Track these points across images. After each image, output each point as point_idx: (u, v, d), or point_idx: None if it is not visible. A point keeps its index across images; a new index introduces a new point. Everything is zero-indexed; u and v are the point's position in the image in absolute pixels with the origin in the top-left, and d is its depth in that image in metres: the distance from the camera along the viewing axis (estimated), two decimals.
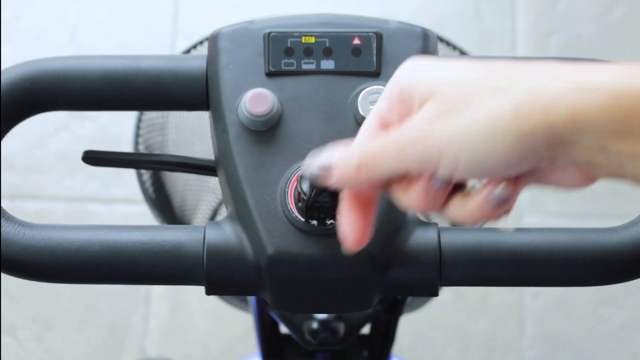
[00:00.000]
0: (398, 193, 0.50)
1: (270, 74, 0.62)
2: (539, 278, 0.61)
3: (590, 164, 0.44)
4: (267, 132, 0.61)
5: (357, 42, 0.62)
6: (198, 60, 0.63)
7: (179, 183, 1.13)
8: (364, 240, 0.53)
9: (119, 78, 0.63)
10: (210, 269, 0.60)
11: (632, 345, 1.71)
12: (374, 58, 0.62)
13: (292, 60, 0.62)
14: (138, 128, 1.01)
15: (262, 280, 0.60)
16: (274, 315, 0.92)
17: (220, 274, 0.60)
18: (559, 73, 0.44)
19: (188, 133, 1.10)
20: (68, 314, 1.72)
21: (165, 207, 1.06)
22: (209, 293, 0.61)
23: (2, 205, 0.62)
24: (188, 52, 1.02)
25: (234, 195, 0.61)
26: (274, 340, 0.98)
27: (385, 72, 0.62)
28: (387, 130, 0.50)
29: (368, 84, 0.62)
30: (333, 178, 0.51)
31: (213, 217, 1.22)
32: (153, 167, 0.89)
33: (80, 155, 0.67)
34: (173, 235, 0.61)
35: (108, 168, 0.81)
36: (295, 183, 0.58)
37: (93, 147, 0.68)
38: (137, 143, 1.01)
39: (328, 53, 0.62)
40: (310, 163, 0.52)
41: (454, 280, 0.61)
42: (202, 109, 0.64)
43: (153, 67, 0.63)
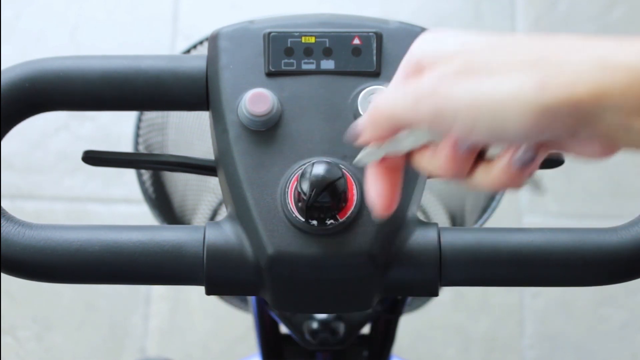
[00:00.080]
0: (424, 161, 0.51)
1: (270, 74, 0.62)
2: (539, 278, 0.61)
3: (612, 139, 0.44)
4: (267, 132, 0.61)
5: (357, 42, 0.62)
6: (198, 60, 0.63)
7: (179, 183, 1.13)
8: (392, 207, 0.53)
9: (119, 78, 0.63)
10: (210, 269, 0.60)
11: (632, 345, 1.71)
12: (374, 58, 0.62)
13: (292, 60, 0.62)
14: (138, 128, 1.01)
15: (262, 280, 0.60)
16: (274, 315, 0.92)
17: (220, 274, 0.60)
18: (585, 50, 0.44)
19: (188, 133, 1.10)
20: (68, 314, 1.72)
21: (165, 207, 1.06)
22: (209, 293, 0.61)
23: (2, 205, 0.62)
24: (188, 52, 1.02)
25: (234, 195, 0.61)
26: (274, 340, 0.98)
27: (385, 72, 0.62)
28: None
29: (368, 84, 0.62)
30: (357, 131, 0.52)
31: (213, 217, 1.22)
32: (153, 167, 0.89)
33: (80, 155, 0.67)
34: (173, 235, 0.61)
35: (108, 168, 0.81)
36: (295, 183, 0.58)
37: (93, 147, 0.68)
38: (137, 143, 1.01)
39: (328, 53, 0.62)
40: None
41: (454, 280, 0.61)
42: (202, 109, 0.64)
43: (153, 67, 0.63)
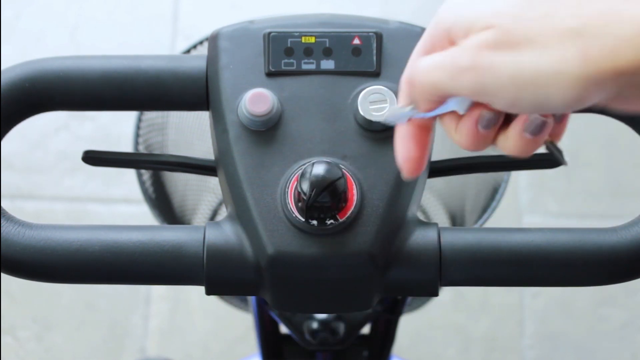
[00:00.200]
0: (449, 128, 0.50)
1: (270, 74, 0.62)
2: (539, 278, 0.61)
3: None
4: (267, 132, 0.61)
5: (357, 42, 0.62)
6: (198, 60, 0.63)
7: (179, 183, 1.13)
8: (420, 169, 0.52)
9: (119, 78, 0.63)
10: (210, 269, 0.60)
11: (632, 345, 1.71)
12: (374, 58, 0.62)
13: (292, 60, 0.62)
14: (138, 128, 1.01)
15: (262, 280, 0.60)
16: (274, 315, 0.92)
17: (220, 274, 0.60)
18: (623, 15, 0.43)
19: (188, 133, 1.10)
20: (68, 314, 1.72)
21: (165, 207, 1.06)
22: (209, 293, 0.61)
23: (2, 205, 0.62)
24: (188, 52, 1.02)
25: (234, 195, 0.61)
26: (274, 340, 0.98)
27: (385, 72, 0.62)
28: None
29: (368, 84, 0.62)
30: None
31: (213, 217, 1.22)
32: (153, 167, 0.89)
33: (80, 155, 0.67)
34: (173, 235, 0.61)
35: (108, 168, 0.81)
36: (295, 183, 0.58)
37: (93, 147, 0.68)
38: (137, 143, 1.01)
39: (328, 53, 0.62)
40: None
41: (454, 280, 0.61)
42: (202, 109, 0.64)
43: (153, 67, 0.63)
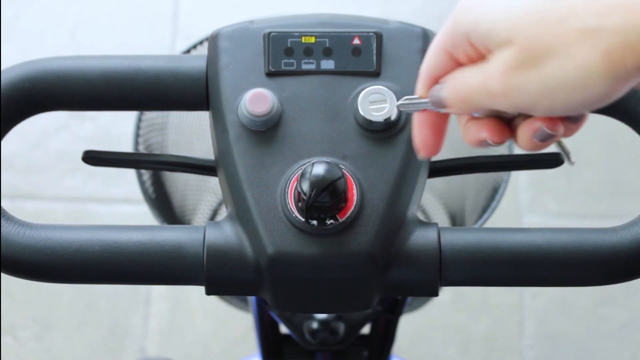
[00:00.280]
0: (461, 120, 0.53)
1: (270, 74, 0.62)
2: (539, 278, 0.61)
3: None
4: (267, 132, 0.61)
5: (357, 42, 0.62)
6: (198, 60, 0.63)
7: (179, 183, 1.13)
8: (435, 153, 0.55)
9: (119, 78, 0.63)
10: (210, 269, 0.60)
11: (632, 345, 1.71)
12: (374, 58, 0.62)
13: (292, 60, 0.62)
14: (138, 128, 1.01)
15: (262, 280, 0.60)
16: (274, 315, 0.92)
17: (220, 274, 0.60)
18: (636, 7, 0.43)
19: (188, 133, 1.10)
20: (68, 314, 1.72)
21: (165, 207, 1.06)
22: (209, 293, 0.61)
23: (2, 205, 0.62)
24: (188, 52, 1.02)
25: (234, 195, 0.61)
26: (274, 340, 0.98)
27: (385, 72, 0.62)
28: (457, 65, 0.50)
29: (368, 84, 0.62)
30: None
31: (213, 217, 1.22)
32: (153, 167, 0.89)
33: (80, 155, 0.67)
34: (173, 235, 0.61)
35: (108, 168, 0.81)
36: (295, 183, 0.58)
37: (93, 147, 0.68)
38: (137, 143, 1.01)
39: (328, 53, 0.62)
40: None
41: (454, 280, 0.61)
42: (202, 109, 0.64)
43: (153, 67, 0.63)
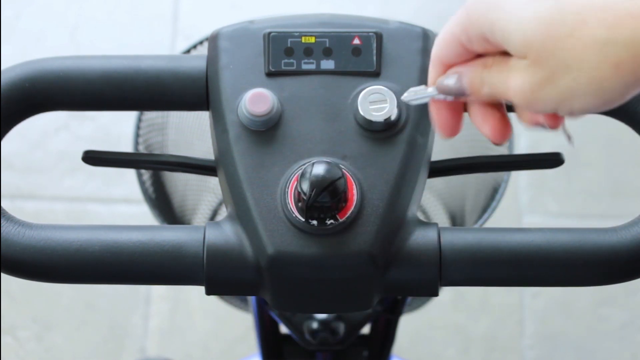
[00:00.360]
0: (473, 113, 0.56)
1: (270, 74, 0.62)
2: (539, 278, 0.61)
3: None
4: (267, 132, 0.61)
5: (357, 42, 0.62)
6: (198, 60, 0.63)
7: (179, 183, 1.13)
8: (456, 132, 0.57)
9: (119, 78, 0.63)
10: (210, 269, 0.60)
11: (632, 345, 1.71)
12: (374, 58, 0.62)
13: (292, 60, 0.62)
14: (138, 128, 1.01)
15: (262, 280, 0.60)
16: (274, 315, 0.92)
17: (220, 274, 0.60)
18: None
19: (188, 133, 1.10)
20: (68, 314, 1.72)
21: (165, 207, 1.06)
22: (209, 293, 0.61)
23: (2, 205, 0.62)
24: (188, 52, 1.02)
25: (234, 195, 0.61)
26: (274, 340, 0.98)
27: (385, 72, 0.62)
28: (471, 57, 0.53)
29: (368, 84, 0.62)
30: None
31: (213, 217, 1.22)
32: (153, 167, 0.89)
33: (80, 155, 0.67)
34: (173, 235, 0.61)
35: (108, 168, 0.81)
36: (295, 183, 0.58)
37: (93, 147, 0.68)
38: (137, 143, 1.01)
39: (328, 53, 0.62)
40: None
41: (454, 280, 0.61)
42: (202, 109, 0.64)
43: (153, 67, 0.63)
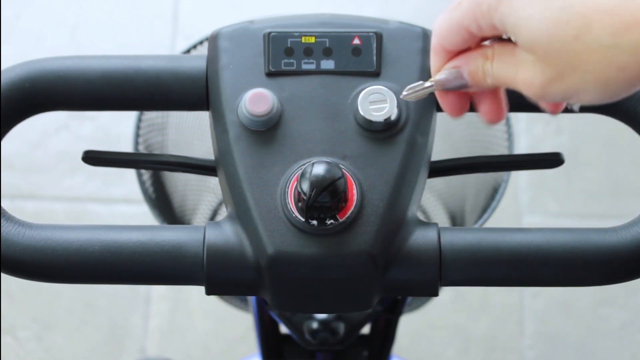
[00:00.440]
0: (479, 102, 0.57)
1: (270, 74, 0.62)
2: (539, 278, 0.61)
3: None
4: (267, 132, 0.61)
5: (357, 42, 0.62)
6: (198, 60, 0.63)
7: (179, 183, 1.13)
8: (463, 113, 0.58)
9: (119, 78, 0.63)
10: (210, 269, 0.60)
11: (632, 345, 1.71)
12: (374, 58, 0.62)
13: (292, 60, 0.62)
14: (138, 128, 1.01)
15: (262, 280, 0.60)
16: (274, 315, 0.92)
17: (220, 274, 0.60)
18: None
19: (188, 133, 1.10)
20: (68, 314, 1.72)
21: (165, 207, 1.06)
22: (209, 293, 0.61)
23: (2, 205, 0.62)
24: (188, 52, 1.02)
25: (234, 195, 0.61)
26: (274, 340, 0.98)
27: (385, 72, 0.62)
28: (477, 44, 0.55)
29: (368, 84, 0.62)
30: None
31: (213, 217, 1.22)
32: (153, 167, 0.89)
33: (80, 155, 0.67)
34: (173, 235, 0.61)
35: (108, 168, 0.81)
36: (295, 183, 0.58)
37: (93, 147, 0.68)
38: (137, 143, 1.01)
39: (328, 53, 0.62)
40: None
41: (454, 280, 0.61)
42: (202, 109, 0.64)
43: (153, 67, 0.63)
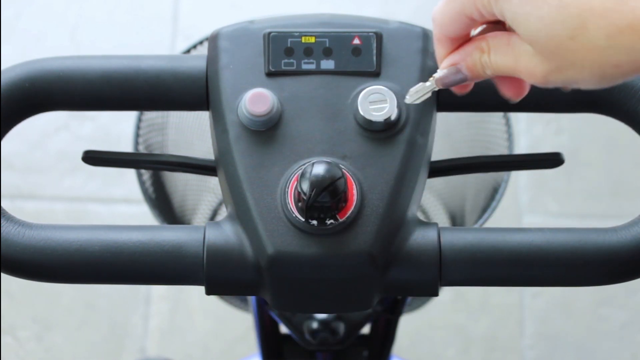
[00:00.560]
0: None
1: (270, 74, 0.62)
2: (539, 278, 0.61)
3: None
4: (267, 132, 0.61)
5: (357, 42, 0.62)
6: (198, 60, 0.63)
7: (179, 183, 1.13)
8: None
9: (119, 78, 0.63)
10: (210, 269, 0.60)
11: (632, 345, 1.71)
12: (374, 58, 0.62)
13: (292, 60, 0.62)
14: (138, 128, 1.01)
15: (262, 280, 0.60)
16: (274, 315, 0.92)
17: (220, 274, 0.60)
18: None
19: (188, 133, 1.10)
20: (68, 314, 1.72)
21: (165, 207, 1.06)
22: (209, 293, 0.61)
23: (2, 205, 0.62)
24: (188, 52, 1.02)
25: (234, 195, 0.61)
26: (274, 340, 0.98)
27: (385, 72, 0.62)
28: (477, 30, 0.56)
29: (368, 84, 0.62)
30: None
31: (213, 217, 1.22)
32: (153, 167, 0.89)
33: (80, 155, 0.67)
34: (173, 235, 0.61)
35: (108, 168, 0.81)
36: (295, 183, 0.58)
37: (93, 147, 0.68)
38: (137, 143, 1.01)
39: (328, 53, 0.62)
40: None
41: (454, 280, 0.61)
42: (202, 109, 0.64)
43: (153, 67, 0.63)
